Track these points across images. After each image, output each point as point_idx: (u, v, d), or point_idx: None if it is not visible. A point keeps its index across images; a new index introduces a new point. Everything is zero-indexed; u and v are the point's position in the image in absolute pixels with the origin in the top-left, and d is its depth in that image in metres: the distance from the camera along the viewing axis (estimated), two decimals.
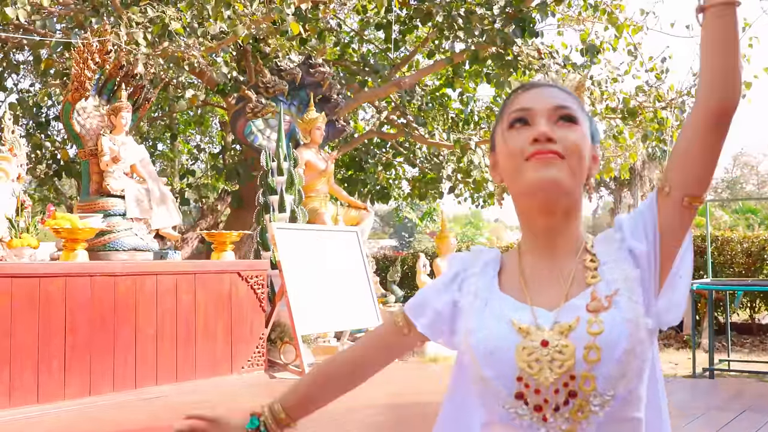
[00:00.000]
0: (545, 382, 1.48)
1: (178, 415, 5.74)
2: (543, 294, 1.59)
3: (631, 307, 1.50)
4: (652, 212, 1.55)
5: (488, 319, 1.60)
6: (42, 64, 11.65)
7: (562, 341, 1.49)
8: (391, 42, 15.62)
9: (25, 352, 6.35)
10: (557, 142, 1.55)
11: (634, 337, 1.48)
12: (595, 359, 1.46)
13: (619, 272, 1.55)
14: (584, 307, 1.52)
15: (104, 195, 8.84)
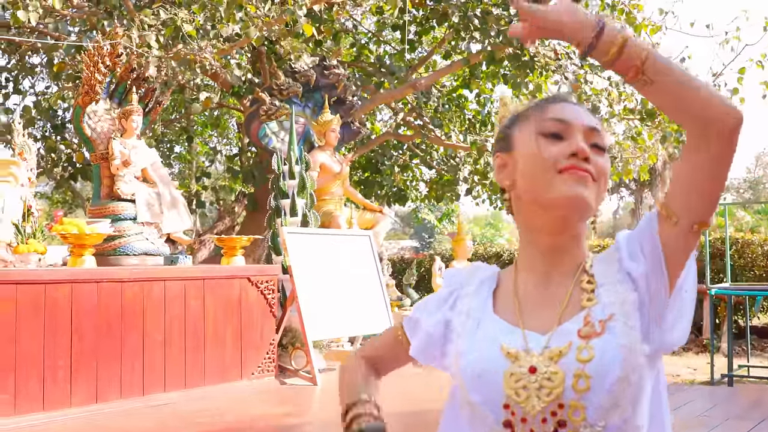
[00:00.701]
0: (532, 410, 1.42)
1: (186, 422, 5.69)
2: (536, 316, 1.54)
3: (626, 333, 1.43)
4: (653, 239, 1.47)
5: (479, 342, 1.54)
6: (54, 68, 11.64)
7: (551, 368, 1.43)
8: (406, 43, 15.54)
9: (30, 360, 6.30)
10: (591, 164, 1.52)
11: (629, 364, 1.41)
12: (584, 388, 1.39)
13: (616, 295, 1.49)
14: (576, 332, 1.46)
15: (115, 199, 8.79)
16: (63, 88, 12.58)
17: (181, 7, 10.72)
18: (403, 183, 17.22)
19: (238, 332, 7.99)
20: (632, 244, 1.52)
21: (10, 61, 14.07)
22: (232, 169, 16.96)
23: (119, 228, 8.49)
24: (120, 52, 8.98)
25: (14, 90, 14.04)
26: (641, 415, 1.46)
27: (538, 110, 1.59)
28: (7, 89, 14.08)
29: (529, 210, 1.56)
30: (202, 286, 7.69)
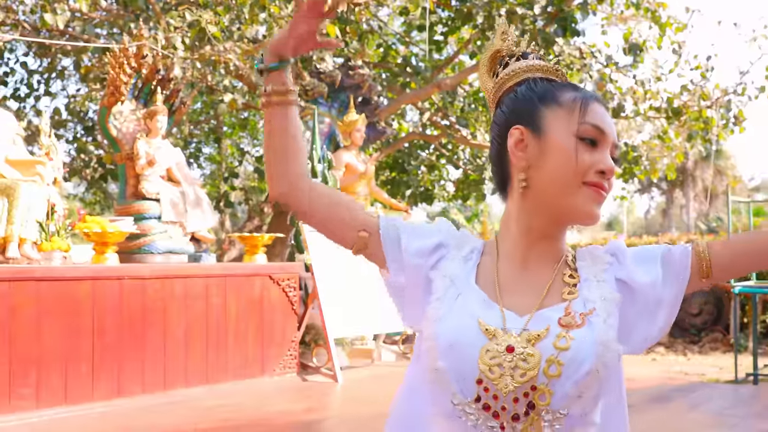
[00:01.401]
0: (504, 389, 1.44)
1: (207, 417, 5.78)
2: (515, 298, 1.55)
3: (604, 329, 1.46)
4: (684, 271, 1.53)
5: (457, 312, 1.55)
6: (82, 70, 11.82)
7: (528, 350, 1.45)
8: (432, 44, 15.57)
9: (53, 355, 6.42)
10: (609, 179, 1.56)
11: (601, 359, 1.43)
12: (555, 374, 1.42)
13: (599, 292, 1.52)
14: (557, 319, 1.48)
15: (140, 198, 8.91)
16: (91, 89, 12.76)
17: (206, 9, 10.84)
18: (430, 183, 17.24)
19: (260, 329, 8.08)
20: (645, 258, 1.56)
21: (42, 64, 14.30)
22: (259, 169, 17.08)
23: (144, 227, 8.61)
24: (145, 53, 9.11)
25: (45, 92, 14.26)
26: (599, 412, 1.49)
27: (578, 105, 1.55)
28: (38, 91, 14.31)
29: (535, 202, 1.55)
30: (224, 284, 7.78)
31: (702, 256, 1.51)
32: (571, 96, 1.57)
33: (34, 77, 14.27)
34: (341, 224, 1.65)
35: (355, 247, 1.66)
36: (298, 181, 1.66)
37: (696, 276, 1.51)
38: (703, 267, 1.50)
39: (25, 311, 6.29)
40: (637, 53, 13.45)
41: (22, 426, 6.08)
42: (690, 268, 1.51)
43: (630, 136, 15.86)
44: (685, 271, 1.51)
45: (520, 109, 1.59)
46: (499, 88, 1.67)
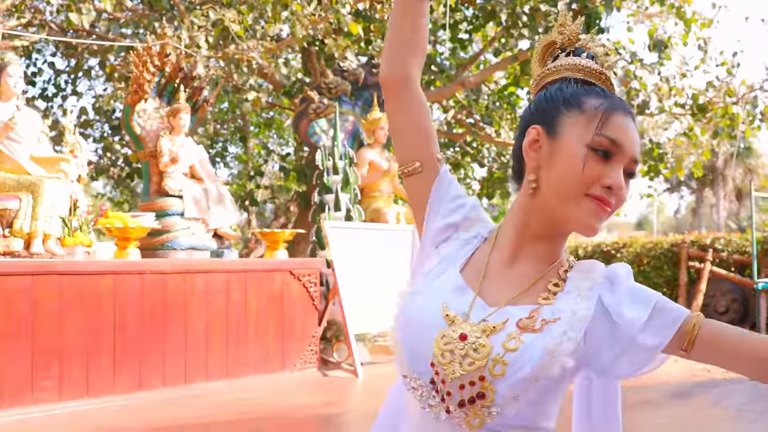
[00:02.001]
0: (451, 375, 1.45)
1: (226, 410, 5.83)
2: (493, 289, 1.55)
3: (558, 341, 1.42)
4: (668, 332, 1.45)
5: (431, 292, 1.57)
6: (107, 69, 11.96)
7: (481, 340, 1.45)
8: (457, 42, 15.58)
9: (75, 348, 6.51)
10: (617, 196, 1.50)
11: (543, 369, 1.41)
12: (499, 374, 1.42)
13: (573, 306, 1.47)
14: (517, 319, 1.47)
15: (163, 195, 9.01)
16: (117, 88, 12.90)
17: (229, 8, 10.93)
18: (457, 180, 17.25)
19: (281, 324, 8.13)
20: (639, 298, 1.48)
21: (69, 64, 14.47)
22: (284, 167, 17.18)
23: (167, 223, 8.72)
24: (168, 52, 9.20)
25: (72, 92, 14.42)
26: (546, 418, 1.49)
27: (599, 115, 1.50)
28: (66, 91, 14.48)
29: (539, 203, 1.54)
30: (244, 279, 7.84)
31: (690, 330, 1.43)
32: (596, 104, 1.52)
33: (61, 77, 14.45)
34: (412, 140, 1.70)
35: (406, 169, 1.69)
36: (411, 70, 1.72)
37: (676, 343, 1.44)
38: (685, 341, 1.43)
39: (48, 305, 6.38)
40: (662, 50, 13.38)
41: (45, 418, 6.17)
42: (676, 332, 1.43)
43: (656, 133, 15.77)
44: (670, 330, 1.43)
45: (543, 108, 1.57)
46: (539, 81, 1.64)
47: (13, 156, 7.61)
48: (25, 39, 9.42)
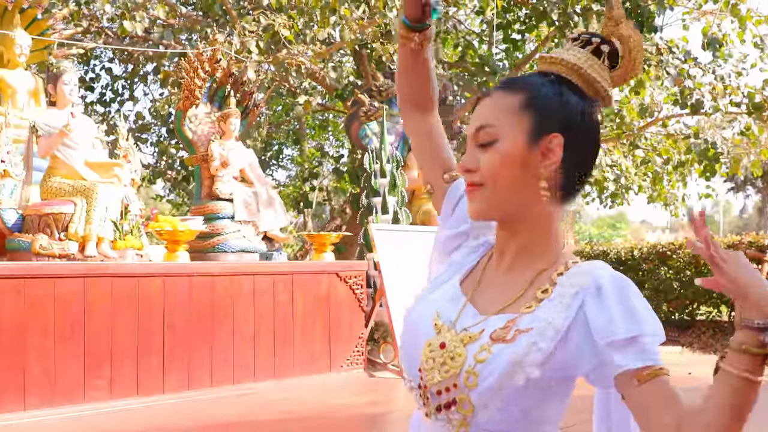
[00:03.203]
0: (431, 381, 1.50)
1: (271, 409, 5.96)
2: (487, 297, 1.58)
3: (525, 351, 1.42)
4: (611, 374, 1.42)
5: (431, 300, 1.63)
6: (161, 74, 12.22)
7: (458, 349, 1.49)
8: (510, 42, 15.56)
9: (125, 349, 6.72)
10: (476, 171, 1.52)
11: (507, 377, 1.42)
12: (472, 384, 1.45)
13: (552, 314, 1.45)
14: (492, 331, 1.49)
15: (214, 199, 9.20)
16: (171, 93, 13.17)
17: (280, 13, 11.09)
18: None
19: (327, 326, 8.26)
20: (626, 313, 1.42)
21: (126, 70, 14.81)
22: (337, 170, 17.33)
23: (218, 226, 8.91)
24: (219, 57, 9.39)
25: (129, 97, 14.75)
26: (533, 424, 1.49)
27: None
28: (123, 96, 14.82)
29: None
30: (290, 281, 7.99)
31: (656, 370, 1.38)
32: None
33: (118, 82, 14.79)
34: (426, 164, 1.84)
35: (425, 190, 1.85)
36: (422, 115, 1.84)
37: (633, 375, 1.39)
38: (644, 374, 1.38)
39: (100, 307, 6.59)
40: (717, 48, 13.21)
41: (96, 416, 6.38)
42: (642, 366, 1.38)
43: (714, 133, 15.57)
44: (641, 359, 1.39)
45: None
46: None
47: (68, 162, 7.84)
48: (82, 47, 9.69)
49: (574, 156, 1.52)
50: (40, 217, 7.39)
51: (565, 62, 1.55)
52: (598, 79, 1.55)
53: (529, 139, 1.50)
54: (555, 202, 1.53)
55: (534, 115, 1.51)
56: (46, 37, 9.34)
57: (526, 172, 1.50)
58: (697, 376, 8.99)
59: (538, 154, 1.50)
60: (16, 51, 8.94)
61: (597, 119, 1.56)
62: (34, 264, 6.72)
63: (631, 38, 1.56)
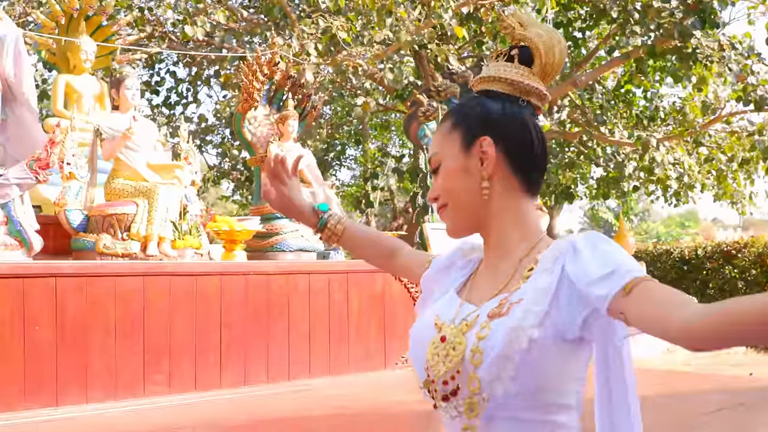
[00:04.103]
0: (438, 373, 1.57)
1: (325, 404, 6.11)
2: (480, 292, 1.68)
3: (522, 317, 1.50)
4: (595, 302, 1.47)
5: (432, 309, 1.73)
6: (222, 78, 12.48)
7: (458, 338, 1.57)
8: (570, 40, 15.50)
9: (183, 345, 6.92)
10: (438, 196, 1.71)
11: (512, 344, 1.49)
12: (478, 362, 1.52)
13: (538, 281, 1.54)
14: (488, 310, 1.58)
15: None
16: (232, 96, 13.43)
17: (338, 15, 11.25)
18: (572, 181, 17.14)
19: (382, 324, 8.37)
20: (595, 255, 1.49)
21: (190, 73, 15.13)
22: (398, 170, 17.44)
23: (276, 226, 9.08)
24: (277, 60, 9.57)
25: (193, 99, 15.07)
26: (548, 392, 1.55)
27: None
28: (187, 99, 15.14)
29: None
30: (346, 280, 8.12)
31: (639, 279, 1.42)
32: None
33: (182, 85, 15.12)
34: (417, 274, 2.00)
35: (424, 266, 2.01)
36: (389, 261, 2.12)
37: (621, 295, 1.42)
38: (628, 287, 1.41)
39: (159, 304, 6.81)
40: None
41: (155, 410, 6.58)
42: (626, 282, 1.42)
43: None
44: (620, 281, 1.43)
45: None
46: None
47: (131, 164, 8.08)
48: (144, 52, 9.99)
49: (509, 148, 1.65)
50: (103, 217, 7.63)
51: (484, 77, 1.73)
52: (518, 79, 1.68)
53: (462, 149, 1.66)
54: (512, 194, 1.66)
55: (461, 130, 1.68)
56: (111, 43, 9.64)
57: (470, 178, 1.66)
58: (758, 377, 8.90)
59: (476, 160, 1.65)
60: (81, 57, 9.26)
61: (525, 113, 1.68)
62: (95, 263, 6.97)
63: (541, 36, 1.69)
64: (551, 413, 1.56)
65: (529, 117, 1.69)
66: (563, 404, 1.57)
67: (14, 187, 7.03)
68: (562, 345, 1.53)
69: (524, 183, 1.67)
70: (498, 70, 1.71)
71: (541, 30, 1.70)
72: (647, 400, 7.88)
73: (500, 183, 1.65)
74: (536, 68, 1.70)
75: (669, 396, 7.63)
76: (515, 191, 1.66)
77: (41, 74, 14.68)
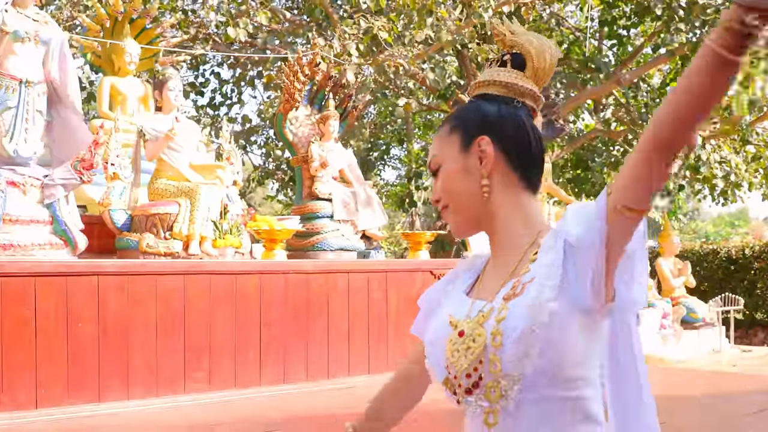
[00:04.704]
0: (460, 368, 1.59)
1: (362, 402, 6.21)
2: (488, 288, 1.70)
3: (538, 292, 1.54)
4: (601, 221, 1.50)
5: (438, 316, 1.75)
6: (264, 79, 12.59)
7: (477, 330, 1.59)
8: (615, 38, 15.40)
9: (223, 343, 7.01)
10: (439, 198, 1.74)
11: (534, 319, 1.52)
12: (498, 344, 1.54)
13: (545, 259, 1.58)
14: (503, 296, 1.61)
15: (314, 198, 9.46)
16: (275, 97, 13.55)
17: (379, 16, 11.29)
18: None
19: None
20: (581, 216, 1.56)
21: (234, 74, 15.29)
22: None
23: (317, 225, 9.16)
24: (318, 61, 9.65)
25: (237, 100, 15.22)
26: (570, 366, 1.57)
27: None
28: (232, 99, 15.30)
29: None
30: (385, 279, 8.16)
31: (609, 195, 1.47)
32: None
33: (227, 86, 15.28)
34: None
35: None
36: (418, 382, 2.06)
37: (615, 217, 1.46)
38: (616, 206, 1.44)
39: (199, 303, 6.91)
40: None
41: (196, 406, 6.68)
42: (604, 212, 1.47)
43: None
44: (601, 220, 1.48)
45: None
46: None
47: (173, 164, 8.20)
48: (188, 54, 10.13)
49: (507, 146, 1.69)
50: (147, 217, 7.75)
51: (479, 82, 1.79)
52: (512, 81, 1.74)
53: (461, 150, 1.71)
54: (512, 190, 1.70)
55: (460, 132, 1.73)
56: (155, 45, 9.79)
57: (471, 178, 1.70)
58: None
59: (475, 159, 1.69)
60: (126, 59, 9.42)
61: (520, 113, 1.73)
62: (136, 262, 7.09)
63: (532, 42, 1.76)
64: (577, 388, 1.58)
65: (526, 117, 1.72)
66: (587, 378, 1.60)
67: (59, 187, 7.18)
68: (581, 318, 1.55)
69: (523, 179, 1.71)
70: (492, 74, 1.76)
71: (532, 37, 1.77)
72: (693, 400, 7.82)
73: (500, 180, 1.69)
74: (528, 72, 1.76)
75: (714, 396, 7.58)
76: (515, 187, 1.70)
77: (88, 76, 14.93)
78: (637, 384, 1.68)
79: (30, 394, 6.02)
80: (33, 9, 7.42)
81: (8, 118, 7.05)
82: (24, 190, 7.01)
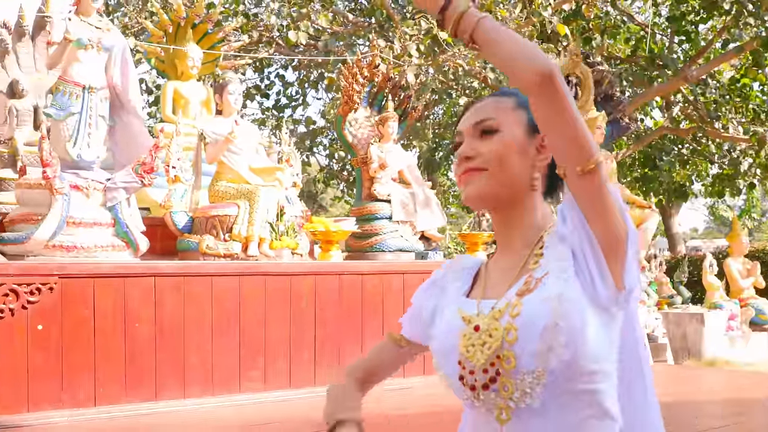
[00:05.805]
0: (477, 363, 1.60)
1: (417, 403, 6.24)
2: (495, 287, 1.72)
3: (556, 285, 1.56)
4: (569, 195, 1.58)
5: (445, 319, 1.76)
6: (327, 81, 12.71)
7: (493, 325, 1.60)
8: (683, 34, 15.14)
9: (278, 343, 7.12)
10: (477, 157, 1.69)
11: (556, 312, 1.53)
12: (513, 339, 1.56)
13: (555, 253, 1.61)
14: (516, 292, 1.62)
15: (373, 200, 9.52)
16: (336, 98, 13.66)
17: None
18: (687, 178, 16.72)
19: None
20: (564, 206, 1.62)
21: (299, 76, 15.46)
22: None
23: (376, 226, 9.20)
24: (377, 62, 9.70)
25: (301, 102, 15.40)
26: (589, 359, 1.57)
27: None
28: (297, 101, 15.47)
29: None
30: None
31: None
32: None
33: (291, 89, 15.45)
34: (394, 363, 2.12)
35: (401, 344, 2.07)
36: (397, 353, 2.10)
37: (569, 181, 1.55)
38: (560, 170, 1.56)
39: (254, 303, 7.03)
40: None
41: (251, 405, 6.80)
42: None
43: None
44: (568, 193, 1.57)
45: None
46: None
47: (233, 167, 8.33)
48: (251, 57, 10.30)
49: None
50: (207, 219, 7.89)
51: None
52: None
53: (527, 132, 1.69)
54: (540, 194, 1.73)
55: (528, 114, 1.67)
56: (217, 49, 9.97)
57: (524, 161, 1.69)
58: None
59: (533, 148, 1.69)
60: (188, 64, 9.61)
61: None
62: (192, 263, 7.23)
63: (588, 74, 1.78)
64: (594, 382, 1.59)
65: None
66: (605, 372, 1.60)
67: (121, 190, 7.36)
68: (597, 310, 1.57)
69: (551, 188, 1.76)
70: None
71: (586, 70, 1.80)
72: (758, 403, 7.68)
73: (542, 182, 1.72)
74: (581, 101, 1.79)
75: None
76: (541, 193, 1.74)
77: (154, 81, 15.26)
78: (643, 384, 1.71)
79: (89, 393, 6.20)
80: (95, 17, 7.63)
81: (72, 124, 7.24)
82: (87, 194, 7.19)
